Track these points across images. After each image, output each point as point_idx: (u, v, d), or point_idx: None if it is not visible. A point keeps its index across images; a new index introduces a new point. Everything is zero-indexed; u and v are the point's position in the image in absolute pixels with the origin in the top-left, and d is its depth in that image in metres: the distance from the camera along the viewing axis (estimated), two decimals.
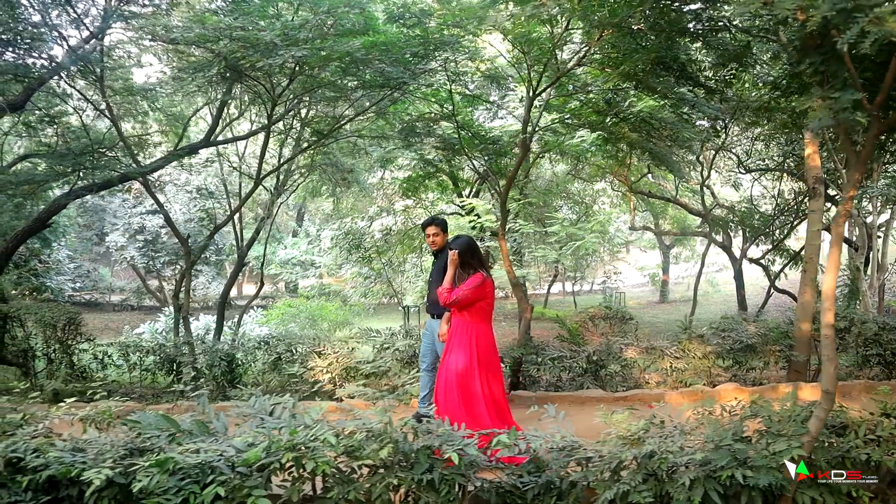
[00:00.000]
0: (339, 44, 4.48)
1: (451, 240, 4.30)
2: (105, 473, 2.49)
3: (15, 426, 3.09)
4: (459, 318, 4.09)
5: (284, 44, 4.33)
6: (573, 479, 2.83)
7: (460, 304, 3.99)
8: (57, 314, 5.82)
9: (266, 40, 4.36)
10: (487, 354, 4.11)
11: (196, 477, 2.67)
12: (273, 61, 4.24)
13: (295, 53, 4.25)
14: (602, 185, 16.93)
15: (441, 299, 4.02)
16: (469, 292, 3.94)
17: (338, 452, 2.64)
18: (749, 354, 5.85)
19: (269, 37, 4.36)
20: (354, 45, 4.48)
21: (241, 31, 4.22)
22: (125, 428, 3.27)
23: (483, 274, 4.02)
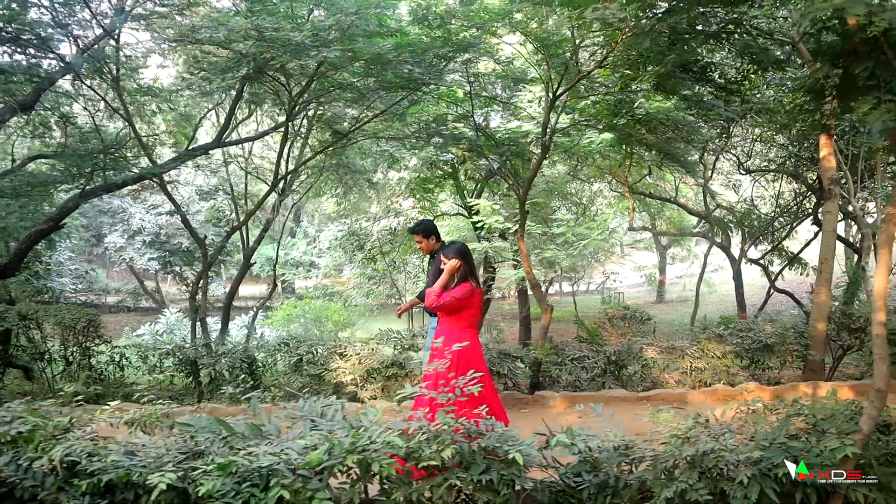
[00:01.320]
0: (369, 45, 4.48)
1: (444, 245, 4.30)
2: (169, 477, 2.48)
3: (63, 429, 3.05)
4: (443, 323, 4.15)
5: (315, 44, 4.32)
6: (629, 478, 2.86)
7: (446, 310, 4.03)
8: (77, 316, 5.75)
9: (296, 41, 4.34)
10: (470, 360, 4.06)
11: (255, 480, 2.67)
12: (305, 62, 4.23)
13: (327, 54, 4.24)
14: (600, 185, 17.04)
15: (427, 301, 4.06)
16: (455, 300, 3.98)
17: (399, 454, 2.65)
18: (766, 354, 5.92)
19: (300, 37, 4.35)
20: (385, 46, 4.48)
21: (273, 31, 4.20)
22: (172, 431, 3.26)
23: (472, 284, 4.04)
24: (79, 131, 7.73)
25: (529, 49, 6.18)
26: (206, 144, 7.87)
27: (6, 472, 2.66)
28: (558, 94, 5.94)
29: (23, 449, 2.83)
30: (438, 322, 4.26)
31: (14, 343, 5.80)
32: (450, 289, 4.03)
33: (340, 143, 6.51)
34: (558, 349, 6.12)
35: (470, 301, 4.05)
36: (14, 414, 3.12)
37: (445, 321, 4.13)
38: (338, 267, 16.58)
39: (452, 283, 4.06)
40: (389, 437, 2.55)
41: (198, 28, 4.59)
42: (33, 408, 3.21)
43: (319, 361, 5.80)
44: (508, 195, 10.80)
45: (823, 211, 6.07)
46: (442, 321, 4.18)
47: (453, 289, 4.02)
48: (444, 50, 5.38)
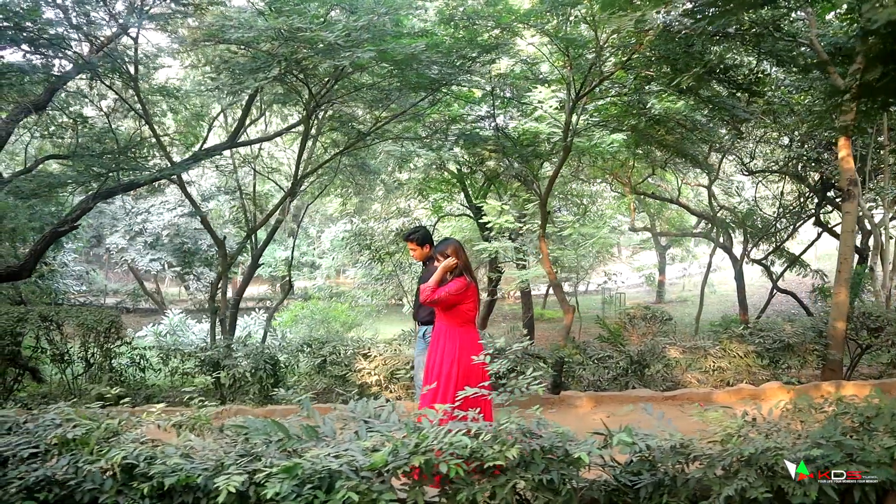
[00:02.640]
0: (402, 45, 4.47)
1: (438, 243, 4.29)
2: (237, 480, 2.46)
3: (112, 432, 3.02)
4: (440, 321, 4.13)
5: (348, 45, 4.30)
6: (686, 477, 2.87)
7: (441, 305, 4.01)
8: (99, 317, 5.69)
9: (329, 41, 4.32)
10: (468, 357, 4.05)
11: (317, 482, 2.65)
12: (339, 63, 4.20)
13: (361, 55, 4.22)
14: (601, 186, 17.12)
15: (421, 297, 4.05)
16: (449, 294, 3.96)
17: (464, 455, 2.64)
18: (786, 354, 5.98)
19: (332, 37, 4.33)
20: (419, 46, 4.47)
21: (307, 31, 4.18)
22: (222, 433, 3.23)
23: (466, 279, 4.03)
24: (90, 131, 7.66)
25: (550, 50, 6.20)
26: (220, 144, 7.83)
27: (65, 474, 2.63)
28: (581, 95, 5.96)
29: (78, 452, 2.79)
30: (435, 320, 4.21)
31: (34, 345, 5.73)
32: (445, 284, 4.00)
33: (361, 143, 6.48)
34: (581, 349, 6.14)
35: (465, 296, 4.03)
36: (64, 416, 3.08)
37: (442, 319, 4.10)
38: (339, 268, 16.50)
39: (448, 279, 4.03)
40: (457, 437, 2.54)
41: (226, 27, 4.55)
42: (80, 410, 3.17)
43: (343, 362, 5.78)
44: (517, 195, 10.83)
45: (843, 211, 6.13)
46: (438, 319, 4.15)
47: (448, 284, 3.99)
48: (468, 50, 5.38)
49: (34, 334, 5.66)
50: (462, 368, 4.08)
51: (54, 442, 2.83)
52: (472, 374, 4.14)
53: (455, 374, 4.10)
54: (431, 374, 4.18)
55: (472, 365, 4.18)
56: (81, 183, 6.13)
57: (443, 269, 3.98)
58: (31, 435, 2.95)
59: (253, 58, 4.81)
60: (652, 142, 6.69)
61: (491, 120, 6.24)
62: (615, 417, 5.59)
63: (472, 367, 4.14)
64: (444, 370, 4.10)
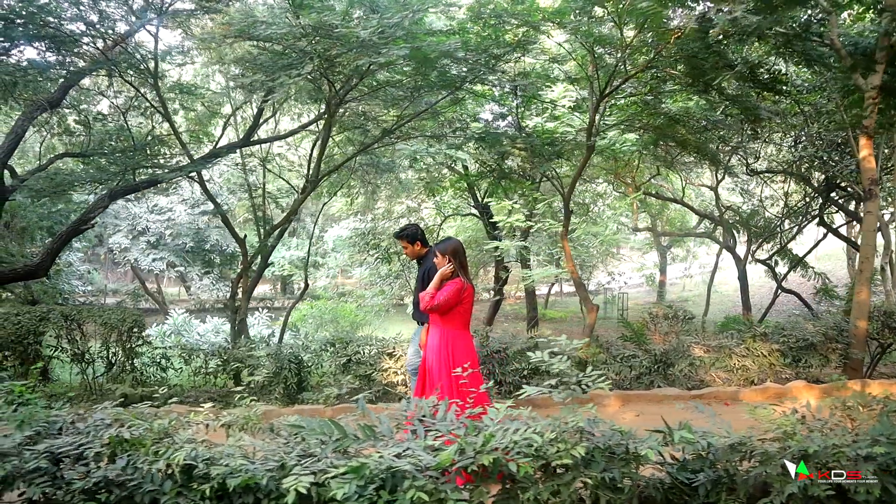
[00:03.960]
0: (436, 43, 4.44)
1: (438, 242, 4.28)
2: (306, 481, 2.42)
3: (164, 433, 2.97)
4: (435, 323, 4.11)
5: (383, 41, 4.26)
6: (745, 475, 2.87)
7: (441, 310, 3.99)
8: (123, 317, 5.61)
9: (363, 38, 4.29)
10: (463, 358, 4.08)
11: (380, 482, 2.62)
12: (375, 60, 4.17)
13: (397, 52, 4.19)
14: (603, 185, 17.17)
15: (422, 305, 4.02)
16: (448, 299, 3.95)
17: (530, 454, 2.62)
18: (809, 352, 6.01)
19: (366, 34, 4.29)
20: (454, 44, 4.45)
21: (341, 28, 4.13)
22: (274, 433, 3.19)
23: (462, 280, 4.02)
24: (103, 129, 7.58)
25: (573, 46, 6.19)
26: (235, 142, 7.76)
27: (125, 475, 2.58)
28: (605, 94, 5.96)
29: (134, 452, 2.74)
30: (430, 324, 4.20)
31: (54, 344, 5.65)
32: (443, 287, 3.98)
33: (383, 140, 6.44)
34: (604, 348, 6.15)
35: (460, 298, 4.01)
36: (114, 416, 3.03)
37: (437, 322, 4.08)
38: (344, 267, 16.41)
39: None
40: (527, 434, 2.52)
41: (256, 24, 4.50)
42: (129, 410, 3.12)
43: (368, 362, 5.74)
44: (526, 195, 10.84)
45: (864, 211, 6.17)
46: (434, 323, 4.13)
47: (444, 287, 3.97)
48: (494, 48, 5.37)
49: (54, 333, 5.58)
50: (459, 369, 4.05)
51: (107, 442, 2.78)
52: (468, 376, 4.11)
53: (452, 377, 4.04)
54: (428, 377, 4.14)
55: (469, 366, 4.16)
56: (103, 182, 6.05)
57: (440, 277, 3.98)
58: (82, 435, 2.90)
59: (281, 55, 4.76)
60: (672, 141, 6.70)
61: (510, 118, 6.22)
62: (645, 416, 5.59)
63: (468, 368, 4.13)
64: (441, 373, 4.05)
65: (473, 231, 16.62)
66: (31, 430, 2.76)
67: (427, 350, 4.21)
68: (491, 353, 5.77)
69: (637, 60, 5.74)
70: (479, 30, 5.26)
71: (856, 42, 6.08)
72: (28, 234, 7.76)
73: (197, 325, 13.74)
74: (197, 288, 18.04)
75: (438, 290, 3.97)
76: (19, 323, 5.28)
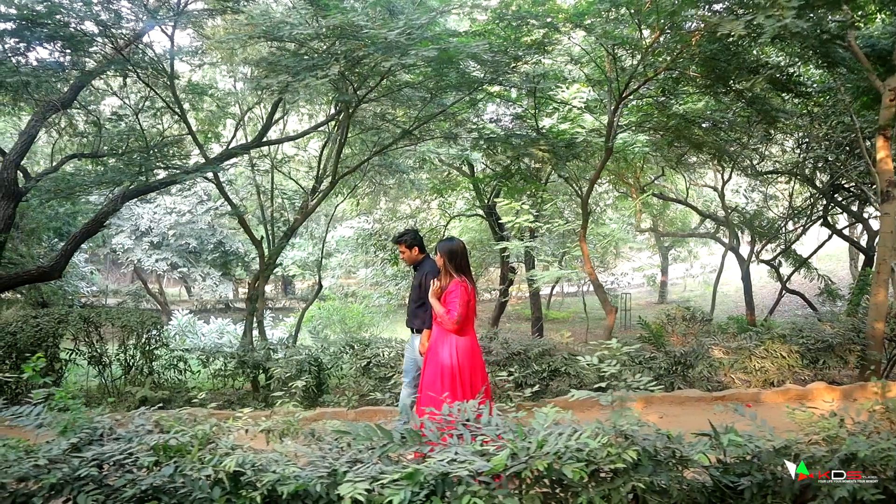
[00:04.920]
0: (462, 44, 4.43)
1: (440, 241, 4.27)
2: (362, 488, 2.40)
3: (206, 439, 2.94)
4: (438, 327, 4.06)
5: (410, 42, 4.24)
6: (792, 478, 2.86)
7: (462, 321, 3.92)
8: (142, 319, 5.56)
9: (390, 39, 4.26)
10: (468, 360, 4.06)
11: (430, 489, 2.60)
12: (404, 61, 4.14)
13: (426, 53, 4.17)
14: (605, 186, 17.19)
15: (448, 327, 3.94)
16: (462, 309, 3.90)
17: (583, 458, 2.61)
18: (828, 354, 6.03)
19: (393, 35, 4.27)
20: (481, 45, 4.43)
21: (369, 29, 4.11)
22: (313, 438, 3.17)
23: (457, 280, 3.97)
24: (113, 130, 7.51)
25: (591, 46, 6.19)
26: (248, 143, 7.72)
27: (174, 482, 2.55)
28: (625, 96, 5.96)
29: (178, 458, 2.71)
30: (433, 326, 4.14)
31: (72, 347, 5.59)
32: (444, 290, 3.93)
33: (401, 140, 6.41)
34: None
35: (468, 301, 3.96)
36: (154, 420, 3.00)
37: (437, 325, 4.03)
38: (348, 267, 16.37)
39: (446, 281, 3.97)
40: (582, 439, 2.51)
41: (281, 25, 4.46)
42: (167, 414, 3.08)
43: (389, 364, 5.71)
44: (534, 195, 10.84)
45: (881, 213, 6.20)
46: (437, 326, 4.06)
47: (450, 299, 3.90)
48: (513, 49, 5.36)
49: (71, 335, 5.52)
50: (466, 373, 4.00)
51: (151, 448, 2.75)
52: (475, 379, 4.08)
53: (459, 380, 3.99)
54: (435, 381, 4.04)
55: (476, 369, 4.12)
56: (119, 183, 5.99)
57: (434, 295, 3.94)
58: (124, 441, 2.87)
59: (303, 56, 4.72)
60: (688, 142, 6.72)
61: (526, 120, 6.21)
62: (668, 418, 5.59)
63: (475, 371, 4.08)
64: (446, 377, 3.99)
65: (478, 231, 16.63)
66: (75, 437, 2.72)
67: (429, 353, 4.13)
68: (511, 355, 5.76)
69: (656, 62, 5.74)
70: (501, 31, 5.25)
71: (873, 44, 6.11)
72: (36, 235, 7.68)
73: (201, 326, 13.66)
74: (200, 289, 17.94)
75: (447, 305, 3.91)
76: (38, 325, 5.23)
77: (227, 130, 9.76)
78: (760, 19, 2.88)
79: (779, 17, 2.89)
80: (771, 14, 2.93)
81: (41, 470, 2.46)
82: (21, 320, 5.23)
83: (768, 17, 2.94)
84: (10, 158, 6.28)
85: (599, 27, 5.05)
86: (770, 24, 2.92)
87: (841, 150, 10.51)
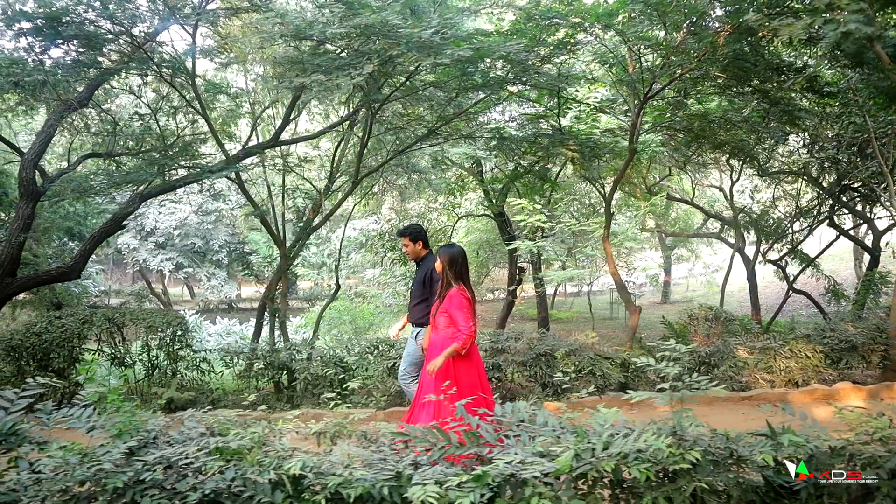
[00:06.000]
0: (496, 43, 4.41)
1: (441, 247, 4.23)
2: (433, 490, 2.38)
3: (262, 441, 2.91)
4: (436, 333, 4.04)
5: (446, 41, 4.22)
6: None
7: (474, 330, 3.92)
8: (167, 320, 5.51)
9: (424, 38, 4.24)
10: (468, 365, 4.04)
11: (494, 491, 2.59)
12: (440, 61, 4.12)
13: (461, 53, 4.15)
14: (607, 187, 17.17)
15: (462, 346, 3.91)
16: (468, 313, 3.90)
17: (647, 459, 2.60)
18: (851, 354, 6.05)
19: (428, 34, 4.25)
20: (515, 45, 4.42)
21: (404, 28, 4.08)
22: (367, 441, 3.15)
23: (456, 289, 3.95)
24: (128, 130, 7.46)
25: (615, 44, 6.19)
26: (265, 142, 7.68)
27: (237, 486, 2.52)
28: (649, 96, 5.97)
29: (238, 462, 2.68)
30: (433, 332, 4.11)
31: (95, 348, 5.54)
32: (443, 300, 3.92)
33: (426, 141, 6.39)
34: (649, 350, 6.15)
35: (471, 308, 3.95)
36: (207, 423, 2.97)
37: (443, 332, 4.00)
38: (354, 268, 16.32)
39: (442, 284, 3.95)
40: (650, 440, 2.50)
41: (311, 23, 4.43)
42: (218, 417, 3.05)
43: None
44: (547, 195, 10.82)
45: None
46: (435, 331, 4.05)
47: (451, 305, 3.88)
48: (542, 49, 5.35)
49: (95, 336, 5.47)
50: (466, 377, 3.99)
51: (208, 452, 2.72)
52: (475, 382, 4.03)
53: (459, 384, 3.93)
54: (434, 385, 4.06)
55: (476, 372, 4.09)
56: (141, 182, 5.94)
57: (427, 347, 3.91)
58: (177, 444, 2.84)
59: (335, 54, 4.69)
60: (708, 142, 6.73)
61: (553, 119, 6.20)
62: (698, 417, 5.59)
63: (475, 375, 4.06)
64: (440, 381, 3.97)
65: (484, 231, 16.60)
66: (132, 441, 2.68)
67: (429, 355, 4.11)
68: (538, 356, 5.75)
69: (682, 62, 5.74)
70: (529, 31, 5.23)
71: (894, 43, 6.13)
72: (49, 235, 7.61)
73: (207, 326, 13.61)
74: (205, 289, 17.86)
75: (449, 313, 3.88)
76: (63, 326, 5.18)
77: (238, 130, 9.70)
78: (819, 23, 2.84)
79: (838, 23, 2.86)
80: (832, 18, 2.90)
81: (106, 474, 2.42)
82: (46, 321, 5.19)
83: (827, 21, 2.90)
84: (28, 158, 6.22)
85: (630, 28, 5.04)
86: (830, 29, 2.87)
87: (851, 151, 10.55)
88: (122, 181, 5.85)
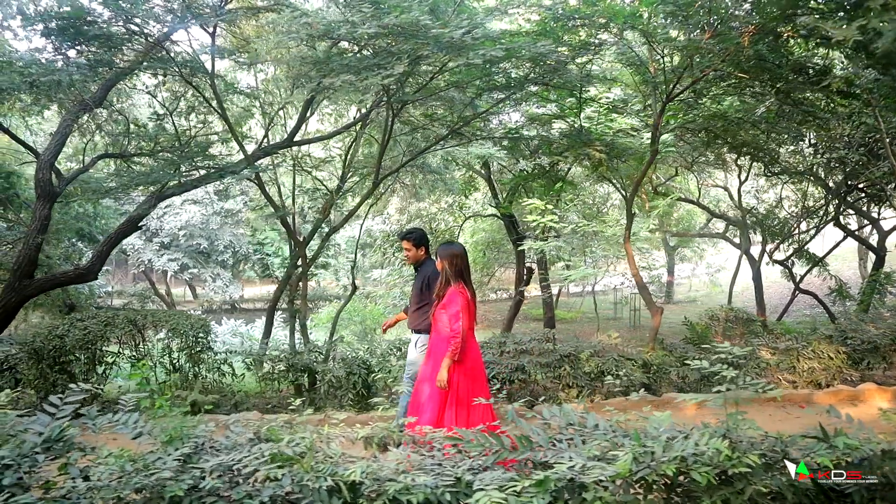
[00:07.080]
0: (528, 44, 4.39)
1: (441, 245, 4.20)
2: (497, 496, 2.35)
3: (312, 447, 2.87)
4: (437, 333, 4.02)
5: (477, 41, 4.19)
6: None
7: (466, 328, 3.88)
8: (191, 322, 5.46)
9: (455, 38, 4.21)
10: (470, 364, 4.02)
11: (552, 496, 2.56)
12: (472, 61, 4.09)
13: (493, 53, 4.12)
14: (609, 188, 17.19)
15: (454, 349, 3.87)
16: (465, 318, 3.87)
17: (704, 462, 2.58)
18: (874, 354, 6.06)
19: (459, 34, 4.22)
20: (547, 45, 4.40)
21: (435, 28, 4.05)
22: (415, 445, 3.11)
23: (455, 287, 3.93)
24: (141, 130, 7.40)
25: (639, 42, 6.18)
26: (280, 142, 7.64)
27: (294, 494, 2.49)
28: (671, 97, 5.95)
29: (291, 468, 2.65)
30: (433, 332, 4.09)
31: (117, 350, 5.49)
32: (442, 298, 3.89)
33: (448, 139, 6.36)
34: (670, 351, 6.15)
35: (468, 307, 3.92)
36: (254, 428, 2.93)
37: (436, 330, 3.98)
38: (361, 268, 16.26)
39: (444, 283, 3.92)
40: (712, 443, 2.48)
41: (341, 22, 4.40)
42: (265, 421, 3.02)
43: None
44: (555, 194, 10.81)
45: None
46: (436, 331, 4.02)
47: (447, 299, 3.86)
48: (566, 50, 5.33)
49: (117, 338, 5.42)
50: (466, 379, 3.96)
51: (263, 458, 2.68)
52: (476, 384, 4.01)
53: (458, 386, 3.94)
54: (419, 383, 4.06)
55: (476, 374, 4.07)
56: (161, 182, 5.88)
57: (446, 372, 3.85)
58: (225, 451, 2.81)
59: (363, 54, 4.66)
60: (726, 143, 6.73)
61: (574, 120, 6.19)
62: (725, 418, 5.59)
63: (475, 377, 4.03)
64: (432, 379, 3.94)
65: (490, 231, 16.58)
66: (185, 448, 2.64)
67: (432, 359, 4.07)
68: (562, 357, 5.74)
69: (704, 63, 5.73)
70: (553, 31, 5.21)
71: None
72: (60, 236, 7.54)
73: (213, 326, 13.51)
74: (210, 289, 17.77)
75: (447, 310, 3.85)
76: (86, 328, 5.12)
77: (249, 130, 9.66)
78: (875, 23, 2.81)
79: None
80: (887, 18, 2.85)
81: (165, 482, 2.38)
82: (68, 323, 5.14)
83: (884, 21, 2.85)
84: (44, 159, 6.16)
85: (656, 29, 5.03)
86: (889, 28, 2.82)
87: (861, 152, 10.57)
88: (141, 181, 5.79)
